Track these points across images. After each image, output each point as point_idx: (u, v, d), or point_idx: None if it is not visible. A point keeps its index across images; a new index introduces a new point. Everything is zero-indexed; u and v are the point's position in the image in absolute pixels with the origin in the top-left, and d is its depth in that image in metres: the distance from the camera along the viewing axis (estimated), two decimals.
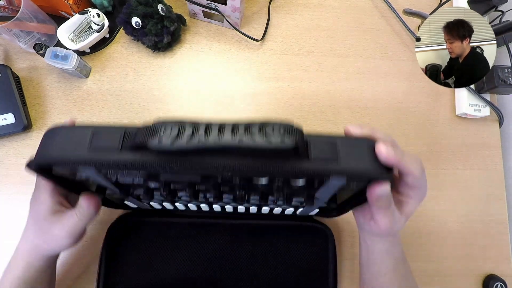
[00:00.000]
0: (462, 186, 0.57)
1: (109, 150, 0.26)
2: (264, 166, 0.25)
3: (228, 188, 0.36)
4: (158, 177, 0.34)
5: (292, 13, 0.61)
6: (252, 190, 0.37)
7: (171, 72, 0.56)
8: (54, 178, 0.33)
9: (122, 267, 0.48)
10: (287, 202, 0.38)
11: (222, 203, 0.41)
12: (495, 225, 0.56)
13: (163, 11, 0.51)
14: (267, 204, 0.41)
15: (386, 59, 0.60)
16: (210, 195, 0.38)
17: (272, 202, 0.40)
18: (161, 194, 0.36)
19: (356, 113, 0.58)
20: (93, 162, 0.26)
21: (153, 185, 0.36)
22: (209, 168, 0.25)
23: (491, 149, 0.59)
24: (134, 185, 0.36)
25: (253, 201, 0.40)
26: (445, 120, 0.59)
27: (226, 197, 0.39)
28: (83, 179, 0.35)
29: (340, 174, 0.27)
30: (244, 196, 0.36)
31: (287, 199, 0.37)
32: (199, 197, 0.38)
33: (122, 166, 0.26)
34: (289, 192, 0.37)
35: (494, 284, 0.52)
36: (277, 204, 0.41)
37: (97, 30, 0.52)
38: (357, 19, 0.62)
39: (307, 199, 0.37)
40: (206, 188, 0.37)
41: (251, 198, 0.39)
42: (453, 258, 0.54)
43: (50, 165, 0.31)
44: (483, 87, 0.56)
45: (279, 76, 0.56)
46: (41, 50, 0.49)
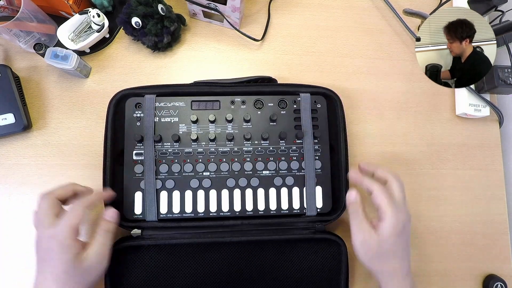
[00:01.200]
0: (462, 186, 0.57)
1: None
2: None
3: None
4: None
5: (292, 13, 0.61)
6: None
7: (171, 72, 0.56)
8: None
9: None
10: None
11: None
12: (495, 225, 0.56)
13: (163, 11, 0.51)
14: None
15: (386, 59, 0.60)
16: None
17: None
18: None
19: (356, 113, 0.58)
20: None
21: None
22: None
23: (491, 149, 0.59)
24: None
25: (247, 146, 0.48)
26: (445, 120, 0.59)
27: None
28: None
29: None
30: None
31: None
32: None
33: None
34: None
35: (494, 284, 0.52)
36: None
37: (97, 30, 0.52)
38: (357, 19, 0.62)
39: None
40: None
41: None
42: (453, 258, 0.54)
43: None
44: (483, 87, 0.56)
45: (279, 76, 0.56)
46: (41, 50, 0.49)
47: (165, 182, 0.47)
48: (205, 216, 0.47)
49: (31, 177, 0.51)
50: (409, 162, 0.57)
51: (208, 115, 0.48)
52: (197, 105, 0.49)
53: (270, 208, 0.48)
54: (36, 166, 0.51)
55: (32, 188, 0.51)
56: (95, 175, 0.52)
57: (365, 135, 0.57)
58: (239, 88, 0.50)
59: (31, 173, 0.51)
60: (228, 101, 0.49)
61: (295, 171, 0.49)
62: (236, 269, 0.47)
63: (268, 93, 0.51)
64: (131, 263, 0.46)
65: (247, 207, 0.48)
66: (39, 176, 0.51)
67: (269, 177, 0.48)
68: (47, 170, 0.51)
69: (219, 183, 0.47)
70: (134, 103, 0.49)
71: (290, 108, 0.50)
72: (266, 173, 0.48)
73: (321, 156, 0.50)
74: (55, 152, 0.52)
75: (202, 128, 0.48)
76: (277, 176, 0.48)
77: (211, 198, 0.47)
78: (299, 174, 0.49)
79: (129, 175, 0.47)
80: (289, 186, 0.48)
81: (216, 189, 0.47)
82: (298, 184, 0.49)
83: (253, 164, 0.48)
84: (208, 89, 0.50)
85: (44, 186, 0.51)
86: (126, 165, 0.47)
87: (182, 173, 0.47)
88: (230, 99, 0.49)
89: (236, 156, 0.48)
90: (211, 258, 0.47)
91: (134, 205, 0.47)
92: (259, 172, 0.48)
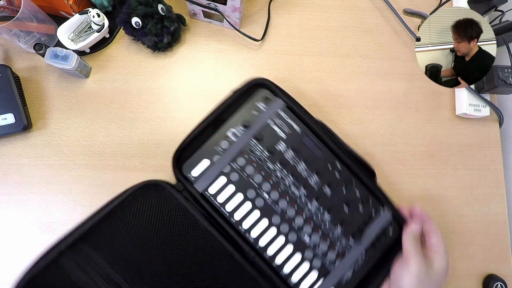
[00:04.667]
0: (462, 186, 0.57)
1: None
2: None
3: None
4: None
5: (292, 13, 0.61)
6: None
7: (171, 72, 0.56)
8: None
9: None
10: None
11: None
12: (495, 225, 0.56)
13: (163, 11, 0.51)
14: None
15: (386, 59, 0.60)
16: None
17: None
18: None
19: (356, 113, 0.58)
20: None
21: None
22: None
23: (491, 149, 0.59)
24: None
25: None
26: (445, 120, 0.59)
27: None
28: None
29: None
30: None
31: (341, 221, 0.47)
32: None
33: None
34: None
35: (494, 284, 0.52)
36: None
37: (97, 30, 0.52)
38: (357, 19, 0.62)
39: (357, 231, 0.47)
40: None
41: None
42: (453, 258, 0.54)
43: None
44: (483, 87, 0.56)
45: (279, 76, 0.56)
46: (41, 50, 0.49)
47: (232, 173, 0.47)
48: (234, 225, 0.46)
49: (31, 177, 0.51)
50: (409, 162, 0.57)
51: (307, 154, 0.48)
52: (307, 139, 0.48)
53: (283, 269, 0.46)
54: (36, 166, 0.51)
55: (32, 188, 0.51)
56: (95, 175, 0.52)
57: (365, 135, 0.57)
58: (345, 158, 0.49)
59: (31, 173, 0.51)
60: (330, 158, 0.49)
61: (328, 260, 0.46)
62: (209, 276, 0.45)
63: (362, 183, 0.49)
64: (148, 198, 0.45)
65: (268, 250, 0.46)
66: (39, 176, 0.51)
67: (304, 243, 0.47)
68: (47, 170, 0.51)
69: (267, 210, 0.47)
70: (265, 95, 0.49)
71: (368, 211, 0.48)
72: (305, 238, 0.47)
73: (358, 269, 0.47)
74: (55, 152, 0.52)
75: (295, 160, 0.48)
76: (309, 248, 0.47)
77: (249, 215, 0.47)
78: (327, 263, 0.46)
79: (214, 142, 0.47)
80: (312, 265, 0.46)
81: (261, 213, 0.47)
82: (319, 271, 0.46)
83: (303, 220, 0.47)
84: (324, 136, 0.49)
85: (44, 186, 0.51)
86: (219, 133, 0.47)
87: (249, 177, 0.47)
88: (333, 159, 0.49)
89: (297, 204, 0.47)
90: (206, 256, 0.45)
91: (196, 166, 0.47)
92: (300, 230, 0.47)
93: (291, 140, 0.48)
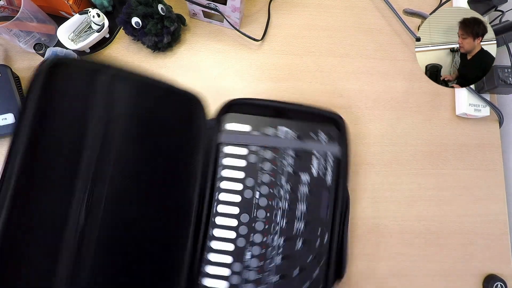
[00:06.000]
0: (462, 186, 0.57)
1: None
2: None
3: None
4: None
5: (292, 13, 0.61)
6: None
7: (171, 72, 0.56)
8: None
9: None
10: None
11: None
12: (495, 225, 0.56)
13: (163, 11, 0.51)
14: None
15: (386, 59, 0.60)
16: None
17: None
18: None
19: (356, 113, 0.58)
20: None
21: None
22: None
23: (491, 149, 0.59)
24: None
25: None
26: (445, 120, 0.59)
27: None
28: None
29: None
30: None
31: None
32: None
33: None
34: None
35: (494, 284, 0.52)
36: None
37: (97, 30, 0.52)
38: (357, 19, 0.62)
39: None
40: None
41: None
42: (453, 258, 0.54)
43: None
44: (483, 87, 0.56)
45: (279, 76, 0.56)
46: (41, 50, 0.49)
47: (253, 154, 0.48)
48: (212, 199, 0.47)
49: None
50: (409, 162, 0.57)
51: (314, 204, 0.47)
52: (326, 195, 0.48)
53: (208, 256, 0.45)
54: None
55: None
56: None
57: (365, 135, 0.57)
58: (336, 236, 0.47)
59: None
60: (326, 227, 0.47)
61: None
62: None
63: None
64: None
65: (214, 232, 0.46)
66: None
67: (242, 255, 0.46)
68: None
69: (246, 206, 0.47)
70: (331, 132, 0.48)
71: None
72: (247, 254, 0.46)
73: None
74: None
75: (302, 198, 0.48)
76: (241, 264, 0.45)
77: (230, 204, 0.47)
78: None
79: (266, 122, 0.49)
80: (228, 277, 0.45)
81: (240, 209, 0.47)
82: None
83: (261, 241, 0.46)
84: (340, 206, 0.48)
85: None
86: (276, 121, 0.49)
87: (261, 170, 0.47)
88: (327, 229, 0.47)
89: (270, 225, 0.46)
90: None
91: (236, 123, 0.48)
92: (250, 244, 0.46)
93: (315, 183, 0.48)
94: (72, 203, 0.35)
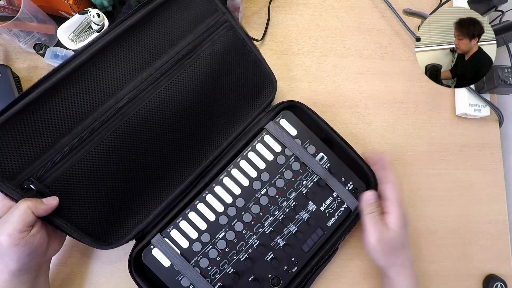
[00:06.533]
0: (462, 186, 0.57)
1: None
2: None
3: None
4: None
5: (292, 13, 0.61)
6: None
7: None
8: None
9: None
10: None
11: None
12: (495, 225, 0.56)
13: None
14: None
15: (386, 59, 0.60)
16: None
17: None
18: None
19: (356, 113, 0.58)
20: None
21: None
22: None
23: (491, 149, 0.59)
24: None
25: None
26: (445, 120, 0.59)
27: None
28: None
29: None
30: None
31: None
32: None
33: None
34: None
35: (494, 284, 0.52)
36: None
37: (97, 30, 0.52)
38: (357, 19, 0.62)
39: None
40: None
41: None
42: (453, 258, 0.54)
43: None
44: (483, 87, 0.56)
45: (279, 76, 0.56)
46: (41, 50, 0.49)
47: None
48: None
49: None
50: (409, 162, 0.57)
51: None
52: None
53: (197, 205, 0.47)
54: None
55: None
56: None
57: (365, 135, 0.57)
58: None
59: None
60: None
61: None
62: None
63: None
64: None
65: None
66: None
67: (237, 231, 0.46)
68: None
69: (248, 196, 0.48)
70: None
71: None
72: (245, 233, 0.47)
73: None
74: None
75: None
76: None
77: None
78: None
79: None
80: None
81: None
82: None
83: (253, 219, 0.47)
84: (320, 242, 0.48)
85: None
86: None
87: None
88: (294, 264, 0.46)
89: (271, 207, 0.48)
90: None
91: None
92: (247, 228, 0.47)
93: (317, 217, 0.48)
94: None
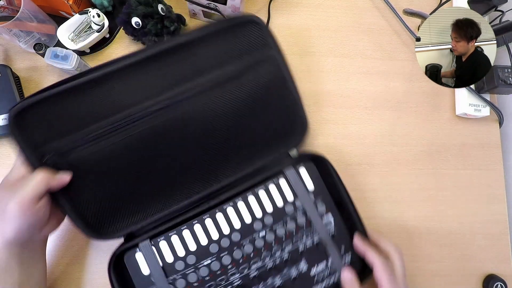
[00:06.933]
0: (462, 186, 0.57)
1: None
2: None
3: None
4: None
5: (292, 13, 0.61)
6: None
7: None
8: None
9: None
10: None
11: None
12: (495, 225, 0.56)
13: (163, 11, 0.51)
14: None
15: (386, 59, 0.60)
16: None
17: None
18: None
19: (356, 113, 0.58)
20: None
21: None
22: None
23: (491, 149, 0.59)
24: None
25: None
26: (445, 120, 0.59)
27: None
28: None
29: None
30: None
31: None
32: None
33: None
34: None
35: (494, 284, 0.52)
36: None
37: (97, 30, 0.52)
38: (357, 19, 0.62)
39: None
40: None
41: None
42: (453, 258, 0.54)
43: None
44: (483, 87, 0.56)
45: None
46: (41, 50, 0.49)
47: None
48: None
49: None
50: (409, 162, 0.57)
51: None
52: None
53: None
54: None
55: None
56: None
57: (365, 135, 0.57)
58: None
59: None
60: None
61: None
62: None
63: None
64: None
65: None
66: None
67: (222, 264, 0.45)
68: None
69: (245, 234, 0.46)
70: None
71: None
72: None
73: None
74: None
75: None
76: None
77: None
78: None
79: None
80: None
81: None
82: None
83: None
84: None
85: None
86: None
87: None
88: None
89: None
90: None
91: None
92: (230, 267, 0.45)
93: (306, 279, 0.45)
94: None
